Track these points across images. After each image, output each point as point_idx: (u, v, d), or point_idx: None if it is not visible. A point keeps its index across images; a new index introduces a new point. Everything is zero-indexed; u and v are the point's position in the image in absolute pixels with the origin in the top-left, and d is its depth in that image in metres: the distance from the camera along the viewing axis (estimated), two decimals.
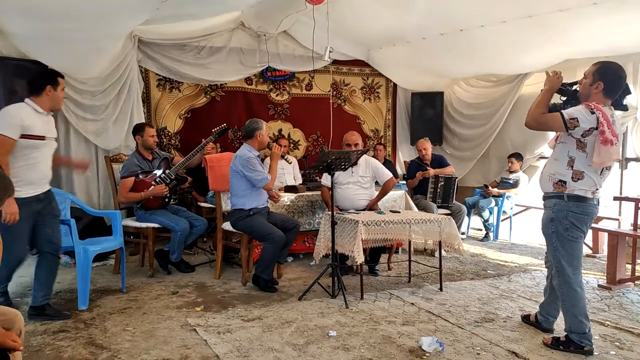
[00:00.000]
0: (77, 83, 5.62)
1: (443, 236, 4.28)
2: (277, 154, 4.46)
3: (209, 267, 5.01)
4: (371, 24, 6.24)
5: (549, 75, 3.14)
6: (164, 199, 4.73)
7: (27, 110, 3.39)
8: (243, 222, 4.32)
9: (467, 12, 5.45)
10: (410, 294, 4.23)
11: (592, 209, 3.04)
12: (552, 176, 3.09)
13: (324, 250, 4.37)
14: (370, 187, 4.87)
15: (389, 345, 3.13)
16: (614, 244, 4.44)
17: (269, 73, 7.07)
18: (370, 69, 7.72)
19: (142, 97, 6.25)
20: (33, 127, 3.35)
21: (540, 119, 3.04)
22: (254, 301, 3.98)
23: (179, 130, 6.64)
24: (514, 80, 6.92)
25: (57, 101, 3.54)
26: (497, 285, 4.51)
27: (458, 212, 6.11)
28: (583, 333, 3.02)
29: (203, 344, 3.13)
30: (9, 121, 3.27)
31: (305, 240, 5.23)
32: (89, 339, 3.20)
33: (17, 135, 3.27)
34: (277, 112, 7.25)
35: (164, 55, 6.25)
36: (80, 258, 3.78)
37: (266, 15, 6.10)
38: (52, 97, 3.47)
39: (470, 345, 3.14)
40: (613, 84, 2.99)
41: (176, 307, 3.83)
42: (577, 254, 3.09)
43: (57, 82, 3.50)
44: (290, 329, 3.38)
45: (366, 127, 7.87)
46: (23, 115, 3.33)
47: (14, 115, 3.30)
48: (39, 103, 3.43)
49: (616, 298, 4.15)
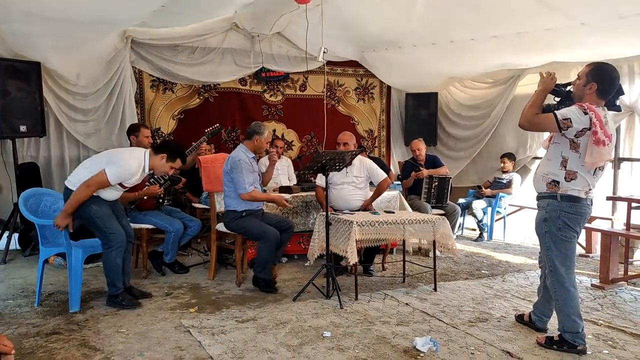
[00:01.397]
0: (69, 85, 5.61)
1: (437, 236, 4.28)
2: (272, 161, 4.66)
3: (203, 268, 4.99)
4: (364, 27, 6.28)
5: (542, 76, 3.15)
6: (158, 199, 4.71)
7: (138, 164, 3.76)
8: (235, 223, 4.31)
9: (458, 27, 5.55)
10: (404, 294, 4.23)
11: (586, 209, 3.05)
12: (546, 176, 3.10)
13: (318, 250, 4.36)
14: (364, 187, 4.88)
15: (384, 345, 3.13)
16: (607, 243, 4.46)
17: (263, 74, 7.06)
18: (364, 69, 7.73)
19: (136, 98, 6.23)
20: (130, 181, 3.78)
21: (533, 120, 3.05)
22: (248, 302, 3.97)
23: (173, 131, 6.63)
24: (507, 81, 6.96)
25: (164, 168, 3.90)
26: (491, 285, 4.53)
27: (452, 212, 6.13)
28: (576, 332, 3.03)
29: (197, 345, 3.12)
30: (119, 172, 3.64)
31: (301, 241, 5.22)
32: (82, 340, 3.18)
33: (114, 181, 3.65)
34: (271, 113, 7.24)
35: (157, 56, 6.23)
36: (71, 260, 3.73)
37: (259, 16, 6.10)
38: (162, 165, 3.87)
39: (465, 345, 3.15)
40: (607, 85, 3.00)
41: (170, 308, 3.82)
42: (570, 253, 3.10)
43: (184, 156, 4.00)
44: (285, 329, 3.37)
45: (360, 127, 7.88)
46: (132, 172, 3.71)
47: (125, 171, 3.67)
48: (153, 163, 3.84)
49: (609, 297, 4.17)
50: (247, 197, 4.25)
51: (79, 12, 4.51)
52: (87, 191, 3.57)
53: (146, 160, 3.77)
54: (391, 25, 6.04)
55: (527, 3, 4.66)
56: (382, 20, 5.94)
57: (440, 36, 5.97)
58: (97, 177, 3.55)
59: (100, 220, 3.68)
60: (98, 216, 3.67)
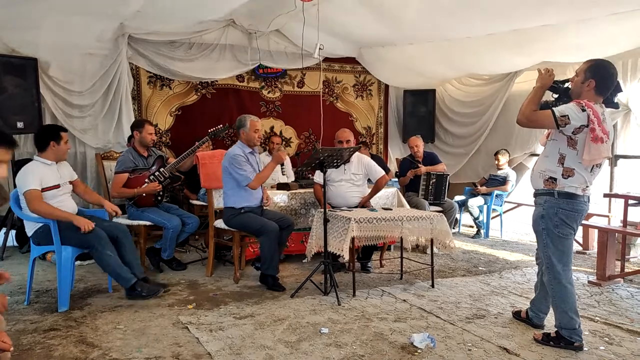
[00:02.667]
0: (65, 81, 5.58)
1: (435, 233, 4.29)
2: (276, 157, 4.33)
3: (201, 264, 5.00)
4: (361, 25, 6.27)
5: (541, 73, 3.15)
6: (156, 196, 4.71)
7: (36, 165, 3.78)
8: (235, 219, 4.31)
9: (453, 26, 5.55)
10: (402, 290, 4.24)
11: (583, 206, 3.06)
12: (543, 173, 3.11)
13: (315, 247, 4.36)
14: (362, 184, 4.88)
15: (381, 341, 3.14)
16: (603, 240, 4.48)
17: (261, 70, 7.05)
18: (362, 66, 7.72)
19: (133, 95, 6.22)
20: (48, 181, 3.74)
21: (531, 116, 3.05)
22: (246, 299, 3.98)
23: (170, 128, 6.61)
24: (505, 78, 6.96)
25: (61, 154, 3.88)
26: (489, 282, 4.54)
27: (450, 209, 6.14)
28: (573, 329, 3.04)
29: (195, 341, 3.12)
30: (30, 178, 3.66)
31: (304, 240, 5.19)
32: (80, 337, 3.17)
33: (40, 187, 3.67)
34: (268, 110, 7.23)
35: (154, 52, 6.21)
36: (60, 258, 3.67)
37: (257, 14, 6.08)
38: (56, 151, 3.83)
39: (462, 341, 3.16)
40: (605, 82, 3.00)
41: (168, 305, 3.81)
42: (567, 250, 3.11)
43: (60, 137, 3.83)
44: (283, 326, 3.38)
45: (358, 124, 7.88)
46: (37, 170, 3.72)
47: (31, 172, 3.69)
48: (46, 157, 3.81)
49: (606, 294, 4.19)
50: (255, 184, 4.25)
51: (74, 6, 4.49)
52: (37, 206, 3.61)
53: (39, 159, 3.81)
54: (385, 27, 6.06)
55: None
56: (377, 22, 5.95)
57: (436, 35, 5.97)
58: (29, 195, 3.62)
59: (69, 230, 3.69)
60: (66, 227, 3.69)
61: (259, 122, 4.45)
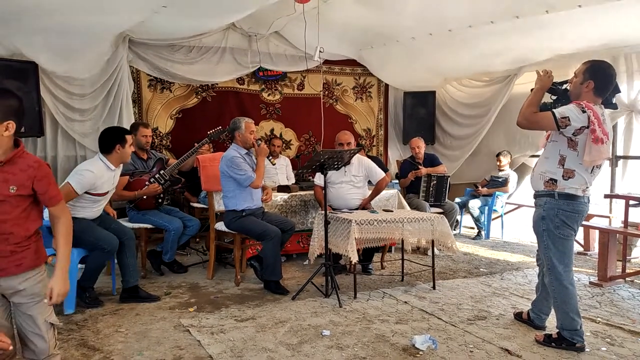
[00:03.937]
0: (66, 84, 5.59)
1: (436, 235, 4.29)
2: (261, 151, 4.36)
3: (202, 267, 5.00)
4: (361, 24, 6.25)
5: (539, 74, 3.15)
6: (157, 199, 4.71)
7: (100, 167, 3.77)
8: (236, 222, 4.31)
9: (455, 14, 5.51)
10: (403, 292, 4.24)
11: (583, 207, 3.06)
12: (543, 174, 3.11)
13: (318, 250, 4.36)
14: (363, 186, 4.88)
15: (383, 343, 3.14)
16: (604, 241, 4.48)
17: (261, 73, 7.05)
18: (362, 68, 7.72)
19: (133, 98, 6.22)
20: (101, 186, 3.76)
21: (531, 118, 3.05)
22: (247, 301, 3.98)
23: (170, 131, 6.62)
24: (505, 79, 6.96)
25: (125, 158, 3.90)
26: (490, 283, 4.54)
27: (450, 210, 6.14)
28: (575, 330, 3.04)
29: (196, 344, 3.12)
30: (81, 180, 3.63)
31: (300, 240, 5.22)
32: (81, 340, 3.18)
33: (82, 192, 3.65)
34: (269, 112, 7.24)
35: (155, 56, 6.21)
36: None
37: (257, 17, 6.09)
38: (121, 155, 3.84)
39: (463, 343, 3.16)
40: (603, 83, 3.01)
41: (169, 307, 3.82)
42: (568, 251, 3.11)
43: (125, 140, 3.84)
44: (284, 328, 3.38)
45: (358, 126, 7.88)
46: (97, 176, 3.70)
47: (88, 178, 3.66)
48: (110, 160, 3.81)
49: (607, 295, 4.19)
50: (257, 182, 4.26)
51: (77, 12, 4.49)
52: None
53: (104, 160, 3.80)
54: (387, 21, 6.00)
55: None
56: (378, 17, 5.92)
57: (438, 26, 5.90)
58: (63, 189, 3.56)
59: (84, 234, 3.68)
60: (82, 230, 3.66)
61: (253, 124, 4.48)
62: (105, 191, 3.84)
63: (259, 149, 4.37)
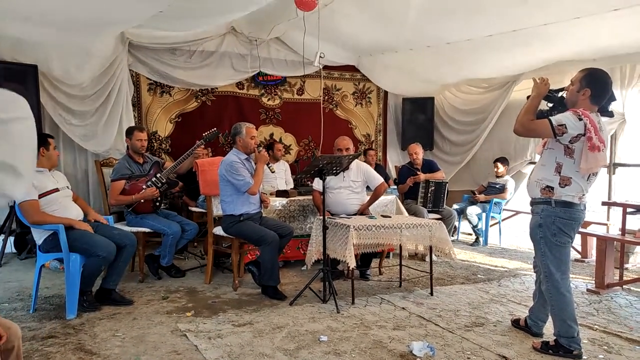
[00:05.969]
0: (66, 87, 5.60)
1: (434, 241, 4.29)
2: (261, 158, 4.36)
3: (200, 272, 4.99)
4: (361, 33, 6.30)
5: (536, 82, 3.17)
6: (155, 203, 4.70)
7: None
8: (234, 227, 4.31)
9: (453, 28, 5.57)
10: (401, 298, 4.24)
11: (579, 214, 3.07)
12: (540, 182, 3.12)
13: (316, 255, 4.36)
14: (361, 191, 4.89)
15: (380, 350, 3.14)
16: (602, 248, 4.49)
17: (261, 78, 7.08)
18: (361, 74, 7.76)
19: (133, 102, 6.24)
20: (42, 186, 3.75)
21: (528, 126, 3.07)
22: (244, 306, 3.97)
23: (170, 135, 6.63)
24: (503, 86, 7.00)
25: (53, 160, 3.93)
26: (487, 290, 4.54)
27: (448, 216, 6.14)
28: (572, 337, 3.05)
29: (194, 349, 3.12)
30: None
31: (300, 247, 5.20)
32: (78, 344, 3.17)
33: (36, 196, 3.68)
34: (268, 117, 7.26)
35: (155, 59, 6.24)
36: (69, 266, 3.67)
37: (257, 22, 6.12)
38: (48, 157, 3.87)
39: (461, 349, 3.16)
40: (600, 91, 3.02)
41: (166, 312, 3.81)
42: (565, 258, 3.12)
43: (48, 143, 3.88)
44: (281, 334, 3.37)
45: (358, 132, 7.90)
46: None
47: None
48: (38, 164, 3.74)
49: (604, 302, 4.19)
50: (255, 188, 4.26)
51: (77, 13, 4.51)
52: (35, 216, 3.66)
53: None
54: (385, 33, 6.07)
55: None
56: (377, 29, 5.97)
57: (436, 39, 5.98)
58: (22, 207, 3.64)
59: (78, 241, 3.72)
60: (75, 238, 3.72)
61: (254, 129, 4.48)
62: (51, 189, 3.82)
63: (259, 155, 4.38)
